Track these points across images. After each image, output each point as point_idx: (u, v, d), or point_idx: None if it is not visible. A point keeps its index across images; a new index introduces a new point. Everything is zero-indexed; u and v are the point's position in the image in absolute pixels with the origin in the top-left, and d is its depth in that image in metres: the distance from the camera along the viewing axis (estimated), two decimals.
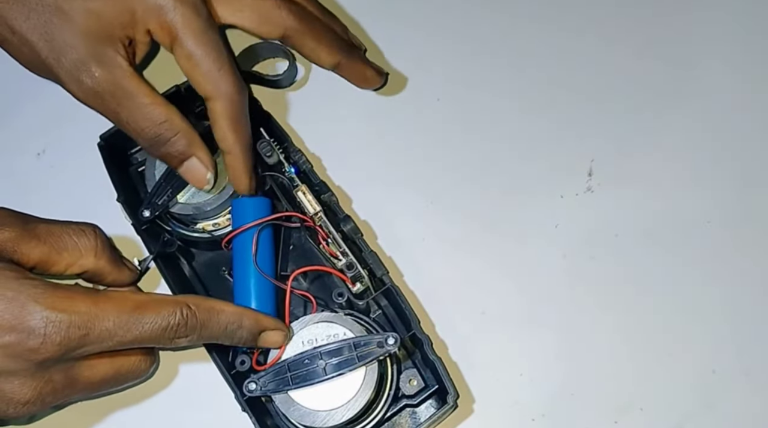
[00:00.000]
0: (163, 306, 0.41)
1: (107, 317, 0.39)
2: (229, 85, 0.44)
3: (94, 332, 0.39)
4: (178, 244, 0.51)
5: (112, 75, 0.43)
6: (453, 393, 0.46)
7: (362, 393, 0.44)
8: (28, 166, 0.56)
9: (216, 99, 0.44)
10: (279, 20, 0.47)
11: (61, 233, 0.44)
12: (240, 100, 0.45)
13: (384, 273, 0.48)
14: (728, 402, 0.50)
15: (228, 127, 0.45)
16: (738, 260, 0.53)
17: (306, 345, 0.45)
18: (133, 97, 0.44)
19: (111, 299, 0.40)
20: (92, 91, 0.44)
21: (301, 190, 0.49)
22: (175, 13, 0.43)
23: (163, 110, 0.44)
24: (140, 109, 0.44)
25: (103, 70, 0.43)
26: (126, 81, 0.44)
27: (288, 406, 0.44)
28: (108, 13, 0.43)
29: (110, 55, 0.43)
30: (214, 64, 0.44)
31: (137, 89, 0.44)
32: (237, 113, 0.45)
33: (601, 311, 0.52)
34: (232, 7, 0.46)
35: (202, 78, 0.44)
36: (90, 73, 0.43)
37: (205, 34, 0.44)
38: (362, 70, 0.51)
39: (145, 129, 0.44)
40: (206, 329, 0.42)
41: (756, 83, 0.57)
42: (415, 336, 0.47)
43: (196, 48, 0.43)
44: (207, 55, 0.43)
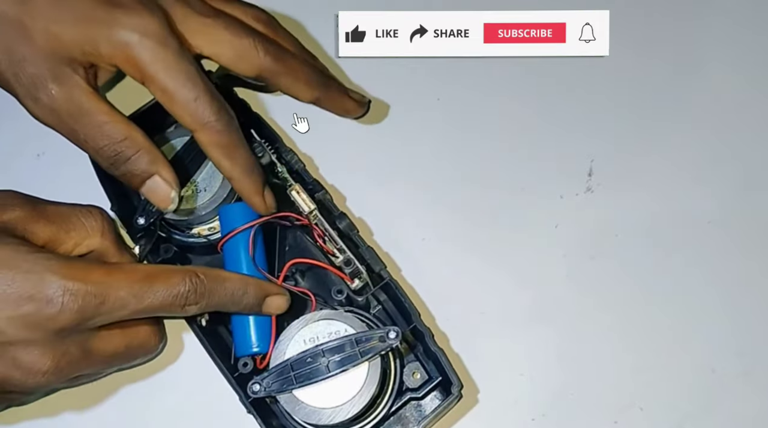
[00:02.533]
0: (173, 275, 0.42)
1: (121, 286, 0.40)
2: (208, 114, 0.43)
3: (108, 300, 0.40)
4: (175, 250, 0.50)
5: (70, 93, 0.43)
6: (457, 384, 0.46)
7: (366, 388, 0.44)
8: (28, 166, 0.56)
9: (198, 131, 0.44)
10: (255, 60, 0.47)
11: (69, 214, 0.44)
12: (223, 127, 0.44)
13: (382, 268, 0.48)
14: (728, 402, 0.50)
15: (219, 155, 0.44)
16: (738, 260, 0.53)
17: (308, 343, 0.45)
18: (91, 115, 0.43)
19: (123, 270, 0.41)
20: (48, 109, 0.43)
21: (294, 189, 0.49)
22: (142, 48, 0.42)
23: (123, 127, 0.43)
24: (99, 127, 0.43)
25: (60, 88, 0.42)
26: (84, 99, 0.43)
27: (293, 405, 0.44)
28: (69, 38, 0.42)
29: (68, 74, 0.43)
30: (190, 95, 0.43)
31: (95, 107, 0.43)
32: (223, 139, 0.44)
33: (601, 311, 0.52)
34: (209, 41, 0.45)
35: (180, 111, 0.43)
36: (47, 91, 0.42)
37: (176, 65, 0.42)
38: (341, 103, 0.51)
39: (104, 147, 0.43)
40: (214, 295, 0.43)
41: (756, 83, 0.57)
42: (416, 328, 0.47)
43: (169, 81, 0.42)
44: (181, 87, 0.42)
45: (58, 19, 0.42)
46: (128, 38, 0.42)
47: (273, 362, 0.45)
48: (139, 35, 0.42)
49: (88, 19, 0.42)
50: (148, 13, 0.42)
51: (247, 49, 0.46)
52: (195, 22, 0.45)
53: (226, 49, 0.46)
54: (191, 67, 0.43)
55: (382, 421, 0.47)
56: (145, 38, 0.42)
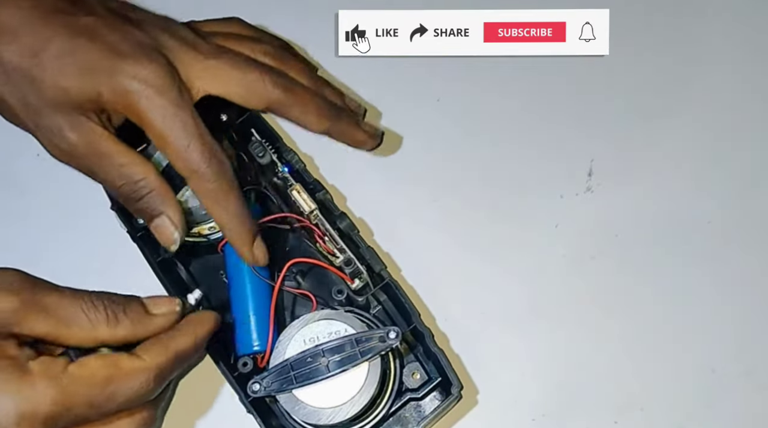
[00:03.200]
0: (133, 377, 0.41)
1: (79, 402, 0.39)
2: (199, 161, 0.44)
3: (67, 417, 0.39)
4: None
5: (87, 139, 0.44)
6: (457, 384, 0.46)
7: (366, 388, 0.44)
8: (28, 166, 0.56)
9: (189, 177, 0.44)
10: (263, 93, 0.47)
11: (70, 305, 0.42)
12: (213, 175, 0.44)
13: (382, 268, 0.48)
14: (728, 402, 0.50)
15: (209, 202, 0.45)
16: (738, 260, 0.53)
17: (308, 343, 0.45)
18: (109, 158, 0.44)
19: (80, 379, 0.39)
20: (69, 154, 0.44)
21: (295, 189, 0.49)
22: (141, 96, 0.43)
23: (139, 169, 0.45)
24: (117, 169, 0.44)
25: (77, 135, 0.44)
26: (101, 144, 0.44)
27: (293, 405, 0.44)
28: (76, 89, 0.43)
29: (83, 122, 0.44)
30: (183, 142, 0.43)
31: (112, 150, 0.44)
32: (213, 187, 0.44)
33: (601, 311, 0.52)
34: (216, 79, 0.46)
35: (173, 157, 0.44)
36: (65, 139, 0.44)
37: (172, 113, 0.43)
38: (352, 134, 0.51)
39: (121, 187, 0.45)
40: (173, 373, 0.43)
41: (756, 83, 0.57)
42: (416, 329, 0.47)
43: (164, 129, 0.43)
44: (175, 135, 0.43)
45: (66, 72, 0.43)
46: (129, 86, 0.43)
47: (273, 362, 0.45)
48: (139, 83, 0.43)
49: (93, 70, 0.43)
50: (149, 61, 0.43)
51: (255, 83, 0.47)
52: (200, 65, 0.46)
53: (234, 86, 0.46)
54: (187, 116, 0.44)
55: (382, 421, 0.47)
56: (144, 86, 0.43)
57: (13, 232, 0.55)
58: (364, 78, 0.58)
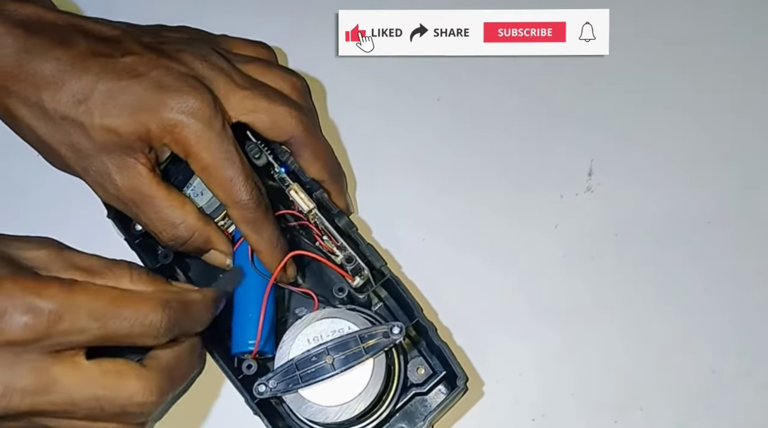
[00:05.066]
0: (145, 303, 0.40)
1: (81, 306, 0.38)
2: (241, 193, 0.45)
3: (65, 320, 0.38)
4: (173, 255, 0.50)
5: (132, 183, 0.45)
6: (462, 376, 0.46)
7: (372, 384, 0.44)
8: (28, 166, 0.56)
9: (231, 207, 0.46)
10: (288, 128, 0.49)
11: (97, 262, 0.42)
12: (253, 206, 0.46)
13: (383, 265, 0.48)
14: (728, 402, 0.50)
15: (248, 230, 0.47)
16: (738, 260, 0.53)
17: (312, 342, 0.45)
18: (151, 202, 0.46)
19: (88, 290, 0.39)
20: (114, 197, 0.46)
21: (293, 188, 0.49)
22: (188, 130, 0.44)
23: (179, 212, 0.46)
24: (158, 213, 0.46)
25: (123, 178, 0.45)
26: (145, 187, 0.46)
27: (299, 405, 0.44)
28: (123, 129, 0.44)
29: (130, 165, 0.45)
30: (227, 175, 0.45)
31: (155, 194, 0.46)
32: (252, 216, 0.46)
33: (601, 311, 0.52)
34: (247, 108, 0.47)
35: (216, 188, 0.46)
36: (112, 182, 0.46)
37: (217, 146, 0.45)
38: (336, 198, 0.52)
39: (163, 232, 0.47)
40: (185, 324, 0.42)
41: (756, 83, 0.57)
42: (419, 323, 0.47)
43: (209, 160, 0.45)
44: (219, 168, 0.45)
45: (113, 113, 0.44)
46: (177, 119, 0.44)
47: (277, 362, 0.45)
48: (186, 116, 0.44)
49: (139, 108, 0.44)
50: (194, 94, 0.45)
51: (283, 117, 0.48)
52: (236, 96, 0.47)
53: (263, 117, 0.48)
54: (231, 148, 0.45)
55: (388, 418, 0.47)
56: (191, 119, 0.44)
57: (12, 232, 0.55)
58: (364, 78, 0.58)
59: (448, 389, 0.48)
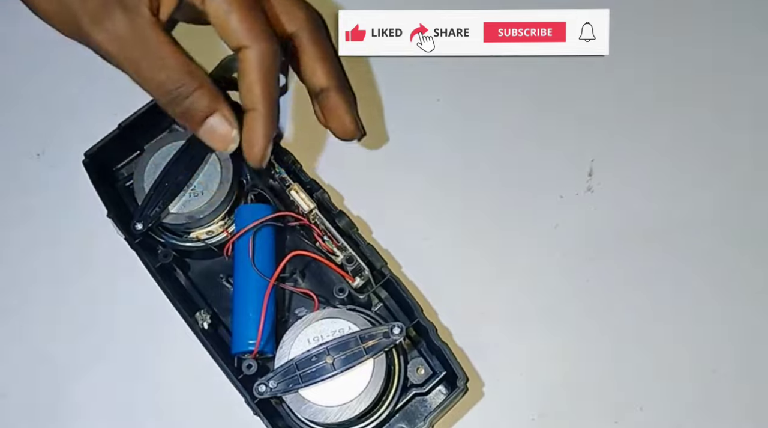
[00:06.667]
0: None
1: None
2: (263, 34, 0.43)
3: None
4: (174, 255, 0.50)
5: (135, 22, 0.42)
6: (462, 377, 0.46)
7: (372, 384, 0.45)
8: (28, 166, 0.56)
9: (248, 48, 0.43)
10: (299, 17, 0.47)
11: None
12: (273, 53, 0.43)
13: (383, 265, 0.48)
14: (728, 402, 0.50)
15: (258, 79, 0.43)
16: (738, 260, 0.53)
17: (312, 342, 0.45)
18: (154, 46, 0.42)
19: None
20: (112, 36, 0.42)
21: (293, 189, 0.49)
22: None
23: (185, 61, 0.43)
24: (161, 59, 0.42)
25: (125, 16, 0.42)
26: (148, 29, 0.42)
27: (299, 405, 0.44)
28: None
29: (135, 3, 0.42)
30: (249, 14, 0.42)
31: (159, 38, 0.43)
32: (268, 65, 0.43)
33: (601, 311, 0.52)
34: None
35: (236, 26, 0.42)
36: (112, 18, 0.42)
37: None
38: (344, 112, 0.50)
39: (165, 82, 0.43)
40: None
41: (756, 83, 0.57)
42: (419, 324, 0.47)
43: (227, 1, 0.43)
44: (240, 6, 0.42)
45: None
46: None
47: (278, 362, 0.45)
48: None
49: None
50: None
51: (291, 6, 0.47)
52: None
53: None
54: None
55: (388, 418, 0.48)
56: None
57: (12, 232, 0.55)
58: (364, 78, 0.58)
59: (448, 389, 0.48)
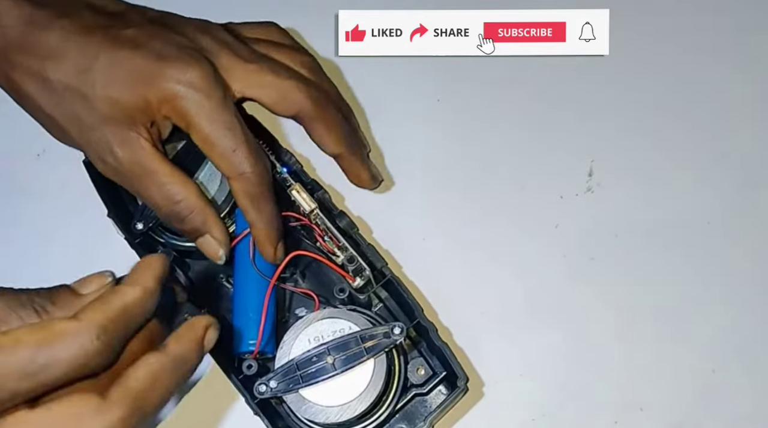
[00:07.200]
0: (70, 337, 0.34)
1: (10, 371, 0.33)
2: (244, 165, 0.45)
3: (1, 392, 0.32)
4: (174, 255, 0.50)
5: (133, 156, 0.45)
6: (462, 377, 0.46)
7: (373, 384, 0.45)
8: (28, 166, 0.56)
9: (233, 179, 0.45)
10: (296, 101, 0.47)
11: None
12: (256, 178, 0.45)
13: (384, 265, 0.48)
14: (728, 402, 0.50)
15: (247, 204, 0.46)
16: (738, 260, 0.53)
17: (312, 342, 0.45)
18: (152, 177, 0.45)
19: (3, 351, 0.33)
20: (115, 170, 0.45)
21: (295, 189, 0.49)
22: (187, 100, 0.44)
23: (180, 188, 0.45)
24: (158, 187, 0.45)
25: (124, 151, 0.45)
26: (146, 161, 0.45)
27: (299, 405, 0.44)
28: (126, 100, 0.44)
29: (132, 138, 0.45)
30: (229, 145, 0.44)
31: (156, 169, 0.45)
32: (254, 190, 0.45)
33: (601, 312, 0.52)
34: (252, 83, 0.46)
35: (218, 160, 0.45)
36: (113, 154, 0.45)
37: (218, 117, 0.44)
38: (359, 169, 0.51)
39: (162, 207, 0.46)
40: (124, 336, 0.36)
41: (756, 83, 0.57)
42: (419, 324, 0.47)
43: (210, 131, 0.44)
44: (221, 138, 0.44)
45: (114, 84, 0.44)
46: (175, 90, 0.44)
47: (278, 362, 0.45)
48: (185, 87, 0.44)
49: (140, 78, 0.44)
50: (194, 64, 0.44)
51: (290, 90, 0.47)
52: (240, 69, 0.46)
53: (270, 90, 0.47)
54: (233, 119, 0.45)
55: (389, 418, 0.47)
56: (190, 90, 0.44)
57: (12, 232, 0.55)
58: (364, 78, 0.58)
59: (448, 389, 0.48)
